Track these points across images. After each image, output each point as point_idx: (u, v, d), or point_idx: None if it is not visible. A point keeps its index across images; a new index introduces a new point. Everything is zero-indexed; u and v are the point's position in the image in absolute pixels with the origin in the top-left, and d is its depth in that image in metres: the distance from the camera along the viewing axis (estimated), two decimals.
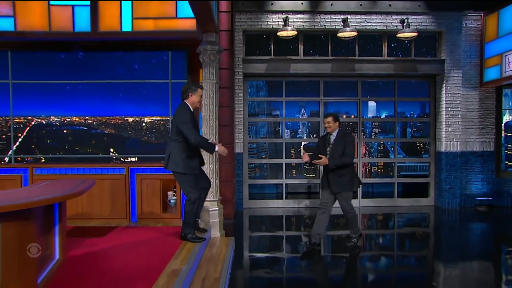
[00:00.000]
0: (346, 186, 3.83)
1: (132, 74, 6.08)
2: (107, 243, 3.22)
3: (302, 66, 6.03)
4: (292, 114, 7.57)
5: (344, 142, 3.71)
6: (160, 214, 3.99)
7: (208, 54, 3.90)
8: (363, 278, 3.37)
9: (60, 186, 2.47)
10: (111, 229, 3.71)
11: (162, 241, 3.38)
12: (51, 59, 6.09)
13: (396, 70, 6.10)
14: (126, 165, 4.00)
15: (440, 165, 6.16)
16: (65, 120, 6.14)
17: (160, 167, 3.99)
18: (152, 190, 3.97)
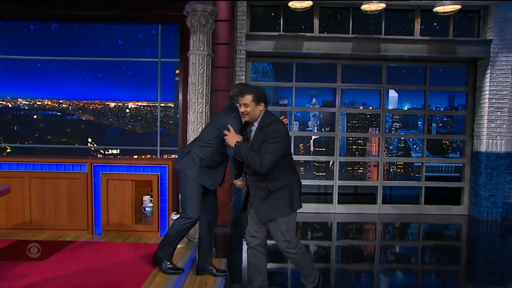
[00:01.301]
0: (276, 210, 2.25)
1: (114, 50, 5.12)
2: (45, 271, 2.30)
3: (317, 45, 5.02)
4: (302, 103, 6.59)
5: (263, 137, 2.21)
6: (131, 226, 3.07)
7: (198, 16, 2.93)
8: None
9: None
10: (64, 245, 2.80)
11: (129, 266, 2.46)
12: (18, 30, 5.15)
13: (430, 53, 5.06)
14: (88, 160, 3.06)
15: (479, 168, 5.16)
16: (35, 103, 5.22)
17: (133, 164, 3.04)
18: (122, 194, 3.05)
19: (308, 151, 7.40)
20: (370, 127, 7.55)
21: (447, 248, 4.17)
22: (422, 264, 3.62)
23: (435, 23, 5.25)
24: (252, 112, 2.27)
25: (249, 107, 2.26)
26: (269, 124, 2.24)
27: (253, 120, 2.31)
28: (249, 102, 2.25)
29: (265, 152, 2.17)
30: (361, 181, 6.62)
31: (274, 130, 2.20)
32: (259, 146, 2.22)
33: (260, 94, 2.29)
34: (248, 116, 2.28)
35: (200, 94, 2.99)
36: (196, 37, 2.95)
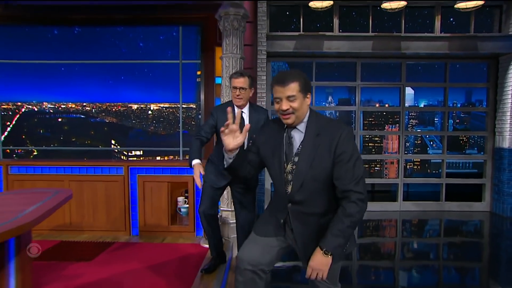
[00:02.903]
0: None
1: (136, 53, 5.19)
2: (96, 271, 2.38)
3: (337, 44, 5.03)
4: (318, 102, 6.61)
5: (328, 149, 1.53)
6: (167, 226, 3.15)
7: (231, 20, 2.97)
8: None
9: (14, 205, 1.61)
10: (105, 246, 2.88)
11: (174, 266, 2.53)
12: (43, 36, 5.24)
13: (451, 49, 5.04)
14: (125, 163, 3.14)
15: (501, 164, 5.14)
16: (60, 106, 5.33)
17: (168, 166, 3.11)
18: (158, 195, 3.12)
19: None
20: (387, 125, 7.56)
21: (474, 244, 4.18)
22: (449, 260, 3.65)
23: (456, 20, 5.23)
24: (300, 109, 1.48)
25: (296, 101, 1.47)
26: (328, 125, 1.49)
27: (298, 122, 1.53)
28: (296, 93, 1.46)
29: (349, 176, 1.43)
30: (381, 178, 6.63)
31: (346, 136, 1.45)
32: (323, 168, 1.47)
33: (307, 79, 1.55)
34: (293, 116, 1.49)
35: None
36: (229, 41, 2.99)
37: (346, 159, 1.44)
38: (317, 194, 1.52)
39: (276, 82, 1.51)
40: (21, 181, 3.16)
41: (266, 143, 1.62)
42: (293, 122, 1.51)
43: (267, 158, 1.61)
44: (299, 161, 1.51)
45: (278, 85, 1.49)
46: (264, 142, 1.62)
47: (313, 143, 1.49)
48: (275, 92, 1.51)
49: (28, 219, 1.36)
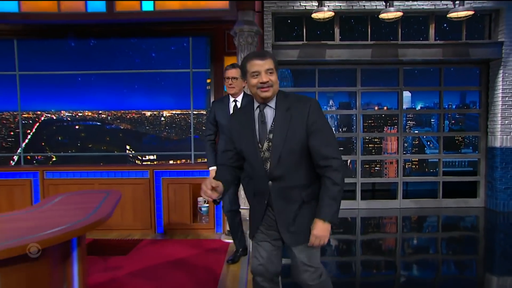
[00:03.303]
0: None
1: (149, 63, 5.50)
2: (133, 264, 2.68)
3: (338, 52, 5.36)
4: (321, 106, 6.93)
5: (301, 121, 1.69)
6: (190, 224, 3.45)
7: (245, 36, 3.30)
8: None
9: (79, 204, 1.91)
10: (135, 243, 3.18)
11: (200, 259, 2.83)
12: (60, 48, 5.54)
13: (445, 56, 5.39)
14: (150, 167, 3.44)
15: (494, 162, 5.48)
16: (77, 114, 5.63)
17: (190, 169, 3.42)
18: (180, 196, 3.42)
19: None
20: (386, 126, 7.88)
21: (470, 237, 4.51)
22: (448, 252, 3.97)
23: (449, 27, 5.58)
24: (276, 83, 1.59)
25: (273, 74, 1.57)
26: (297, 100, 1.60)
27: (271, 98, 1.60)
28: (273, 66, 1.58)
29: (324, 144, 1.52)
30: (381, 177, 6.95)
31: (313, 106, 1.56)
32: (297, 139, 1.54)
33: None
34: (271, 89, 1.56)
35: None
36: (244, 54, 3.31)
37: (319, 128, 1.54)
38: (295, 166, 1.58)
39: (255, 57, 1.57)
40: (56, 185, 3.45)
41: (239, 130, 1.66)
42: (271, 96, 1.57)
43: (242, 144, 1.65)
44: (273, 136, 1.56)
45: (257, 59, 1.56)
46: (237, 130, 1.66)
47: (284, 117, 1.56)
48: (252, 66, 1.56)
49: (100, 215, 1.66)
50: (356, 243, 4.33)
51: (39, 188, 3.44)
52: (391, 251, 4.02)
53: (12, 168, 3.59)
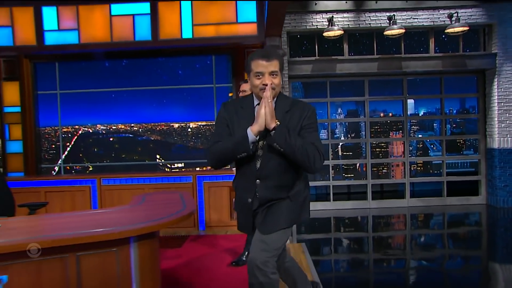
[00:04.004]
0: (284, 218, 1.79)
1: (176, 79, 6.08)
2: (189, 253, 3.20)
3: (348, 66, 5.93)
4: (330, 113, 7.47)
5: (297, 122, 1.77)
6: (228, 221, 3.97)
7: None
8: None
9: (165, 201, 2.45)
10: (184, 238, 3.70)
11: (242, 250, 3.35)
12: (96, 68, 6.13)
13: (444, 67, 5.95)
14: (193, 173, 3.98)
15: (493, 162, 5.99)
16: (111, 128, 6.19)
17: (228, 174, 3.96)
18: (220, 197, 3.95)
19: (336, 156, 8.26)
20: (391, 131, 8.42)
21: (474, 231, 5.01)
22: (455, 244, 4.47)
23: (447, 41, 6.15)
24: (279, 86, 1.63)
25: (277, 77, 1.60)
26: (297, 103, 1.67)
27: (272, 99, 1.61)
28: (278, 69, 1.61)
29: (312, 140, 1.59)
30: (390, 179, 7.46)
31: (311, 112, 1.65)
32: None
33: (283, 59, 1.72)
34: (273, 92, 1.59)
35: None
36: None
37: (311, 130, 1.62)
38: (285, 167, 1.61)
39: (261, 57, 1.57)
40: (111, 190, 3.99)
41: (237, 123, 1.65)
42: (272, 98, 1.57)
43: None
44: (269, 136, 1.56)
45: (263, 60, 1.56)
46: (235, 123, 1.65)
47: (283, 117, 1.60)
48: (257, 66, 1.57)
49: (191, 208, 2.18)
50: (376, 239, 4.83)
51: (96, 193, 3.97)
52: (407, 246, 4.52)
53: (74, 176, 4.13)
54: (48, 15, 3.98)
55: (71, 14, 4.00)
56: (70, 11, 4.01)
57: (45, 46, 4.03)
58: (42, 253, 1.66)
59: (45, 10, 3.99)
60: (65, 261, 1.71)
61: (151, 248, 1.90)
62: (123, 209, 2.26)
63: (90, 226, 1.84)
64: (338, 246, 4.52)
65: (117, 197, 3.91)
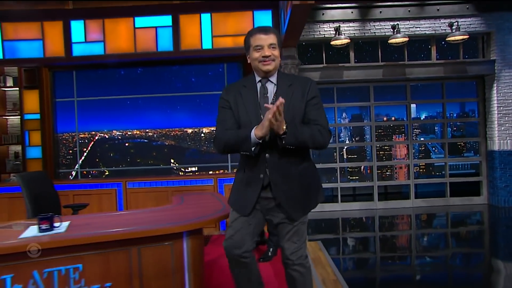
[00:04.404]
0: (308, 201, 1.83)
1: (189, 86, 6.32)
2: (216, 250, 3.42)
3: (354, 73, 6.21)
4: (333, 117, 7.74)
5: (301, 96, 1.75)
6: None
7: (289, 68, 4.11)
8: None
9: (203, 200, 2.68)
10: (207, 237, 3.91)
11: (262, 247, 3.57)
12: (112, 76, 6.37)
13: (445, 73, 6.24)
14: (215, 176, 4.21)
15: (494, 164, 6.27)
16: (127, 133, 6.41)
17: None
18: None
19: (341, 159, 8.52)
20: (394, 135, 8.70)
21: (477, 230, 5.26)
22: (459, 242, 4.71)
23: (448, 48, 6.45)
24: (278, 58, 1.69)
25: (276, 49, 1.67)
26: (298, 78, 1.76)
27: (274, 72, 1.71)
28: (276, 42, 1.67)
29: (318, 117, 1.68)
30: (395, 180, 7.71)
31: (313, 85, 1.72)
32: (298, 110, 1.65)
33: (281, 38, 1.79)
34: (273, 63, 1.66)
35: None
36: None
37: (316, 103, 1.70)
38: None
39: (258, 31, 1.65)
40: (136, 193, 4.21)
41: (241, 103, 1.69)
42: (273, 69, 1.66)
43: (243, 115, 1.68)
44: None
45: (261, 33, 1.63)
46: (240, 103, 1.69)
47: (286, 92, 1.66)
48: (255, 40, 1.64)
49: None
50: (389, 238, 5.07)
51: (122, 196, 4.18)
52: (415, 244, 4.76)
53: (101, 180, 4.34)
54: (76, 28, 4.23)
55: (98, 27, 4.24)
56: (97, 24, 4.25)
57: (72, 57, 4.26)
58: (110, 245, 1.89)
59: (73, 23, 4.23)
60: (129, 253, 1.94)
61: (199, 243, 2.13)
62: (168, 208, 2.49)
63: (147, 223, 2.07)
64: (353, 245, 4.75)
65: (142, 200, 4.12)
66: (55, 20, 4.20)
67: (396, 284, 3.32)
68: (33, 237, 1.79)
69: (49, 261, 1.78)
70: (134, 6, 4.27)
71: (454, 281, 3.42)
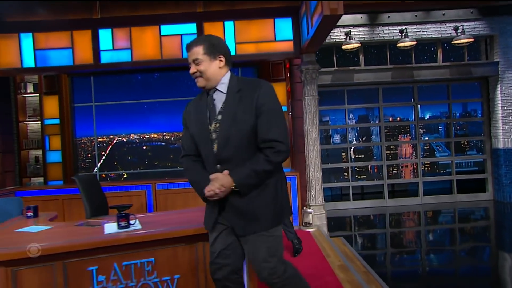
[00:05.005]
0: (262, 217, 1.63)
1: None
2: None
3: (364, 76, 6.44)
4: (342, 119, 7.97)
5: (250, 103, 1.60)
6: None
7: (310, 72, 4.32)
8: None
9: None
10: None
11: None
12: (129, 81, 6.53)
13: (451, 74, 6.50)
14: None
15: (499, 161, 6.54)
16: (144, 137, 6.56)
17: None
18: None
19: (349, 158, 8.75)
20: (400, 134, 8.95)
21: (484, 224, 5.52)
22: (468, 236, 4.95)
23: (453, 51, 6.71)
24: (208, 71, 1.57)
25: (201, 64, 1.56)
26: (248, 81, 1.60)
27: (213, 85, 1.61)
28: (200, 56, 1.56)
29: (270, 126, 1.51)
30: (404, 179, 7.93)
31: (264, 88, 1.54)
32: (246, 120, 1.51)
33: (216, 42, 1.60)
34: (202, 79, 1.59)
35: (314, 126, 4.36)
36: (310, 87, 4.34)
37: (267, 110, 1.50)
38: (243, 149, 1.52)
39: (186, 47, 1.62)
40: (165, 194, 4.38)
41: (192, 118, 1.65)
42: (205, 85, 1.59)
43: (193, 128, 1.63)
44: (221, 117, 1.53)
45: (186, 51, 1.61)
46: (192, 115, 1.66)
47: (233, 99, 1.54)
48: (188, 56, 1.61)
49: None
50: (405, 233, 5.29)
51: (151, 197, 4.35)
52: (433, 239, 4.99)
53: (131, 182, 4.50)
54: (104, 37, 4.39)
55: (125, 35, 4.41)
56: (124, 32, 4.42)
57: (101, 64, 4.42)
58: (177, 241, 2.08)
59: (101, 32, 4.40)
60: (195, 248, 2.12)
61: None
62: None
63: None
64: (374, 240, 4.96)
65: (171, 200, 4.29)
66: (84, 29, 4.36)
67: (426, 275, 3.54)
68: (115, 233, 1.97)
69: (127, 255, 1.96)
70: (160, 15, 4.45)
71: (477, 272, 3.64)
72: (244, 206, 1.56)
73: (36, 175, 6.16)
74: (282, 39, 4.48)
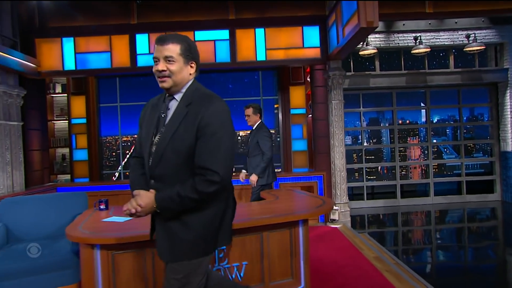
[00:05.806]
0: (185, 246, 1.47)
1: (226, 93, 6.73)
2: None
3: (379, 80, 6.71)
4: (353, 121, 8.24)
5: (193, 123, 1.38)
6: None
7: (337, 78, 4.58)
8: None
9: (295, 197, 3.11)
10: None
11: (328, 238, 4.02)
12: (153, 82, 6.72)
13: (463, 80, 6.79)
14: None
15: (507, 164, 6.83)
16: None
17: (300, 176, 4.63)
18: None
19: (360, 160, 9.02)
20: (409, 137, 9.24)
21: (492, 224, 5.80)
22: (477, 235, 5.23)
23: (465, 57, 7.01)
24: (179, 74, 1.43)
25: (174, 64, 1.41)
26: (204, 99, 1.42)
27: (177, 90, 1.47)
28: (175, 55, 1.41)
29: (207, 152, 1.35)
30: (416, 179, 8.20)
31: (216, 109, 1.40)
32: (184, 139, 1.37)
33: (193, 46, 1.47)
34: (170, 80, 1.42)
35: (340, 129, 4.62)
36: (336, 92, 4.59)
37: (209, 134, 1.34)
38: (177, 170, 1.38)
39: (156, 41, 1.40)
40: None
41: (144, 122, 1.52)
42: (170, 88, 1.42)
43: (141, 136, 1.53)
44: (163, 132, 1.40)
45: (157, 44, 1.39)
46: (144, 120, 1.53)
47: (181, 113, 1.40)
48: (154, 51, 1.41)
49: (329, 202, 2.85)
50: (420, 231, 5.56)
51: None
52: (450, 236, 5.27)
53: None
54: (141, 41, 4.62)
55: None
56: None
57: (137, 67, 4.65)
58: (245, 231, 2.32)
59: (138, 37, 4.63)
60: (260, 237, 2.37)
61: (307, 230, 2.57)
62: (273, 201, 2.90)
63: (269, 213, 2.50)
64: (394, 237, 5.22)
65: None
66: (122, 34, 4.58)
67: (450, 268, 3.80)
68: None
69: None
70: (194, 21, 4.68)
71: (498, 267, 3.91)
72: (163, 229, 1.45)
73: (63, 172, 6.36)
74: (310, 46, 4.73)
